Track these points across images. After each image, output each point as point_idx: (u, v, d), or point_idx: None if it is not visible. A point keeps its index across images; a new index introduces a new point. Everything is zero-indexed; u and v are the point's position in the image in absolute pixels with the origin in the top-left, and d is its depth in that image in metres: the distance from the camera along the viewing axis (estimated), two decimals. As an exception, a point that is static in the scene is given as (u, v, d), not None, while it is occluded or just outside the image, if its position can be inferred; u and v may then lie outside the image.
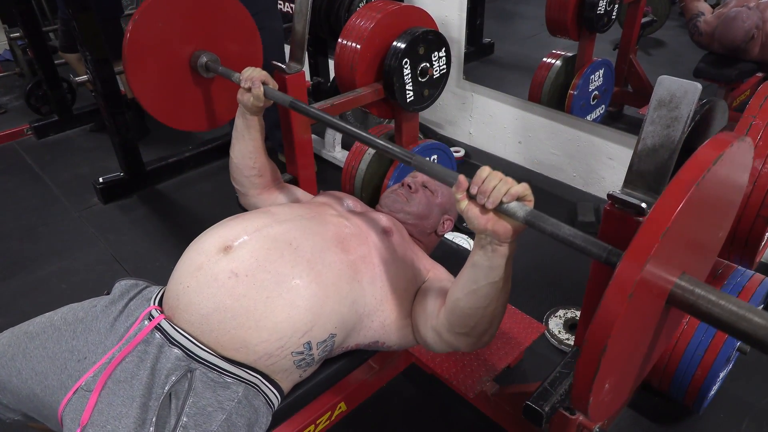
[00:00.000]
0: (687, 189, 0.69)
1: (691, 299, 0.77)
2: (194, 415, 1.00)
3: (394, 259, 1.28)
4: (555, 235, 0.89)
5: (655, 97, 0.90)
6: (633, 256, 0.68)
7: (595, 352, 0.69)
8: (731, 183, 0.88)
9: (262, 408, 1.10)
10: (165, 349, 1.07)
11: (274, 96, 1.45)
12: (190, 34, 1.82)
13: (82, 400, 1.02)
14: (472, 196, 0.95)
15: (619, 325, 0.68)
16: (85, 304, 1.19)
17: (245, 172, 1.53)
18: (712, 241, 0.97)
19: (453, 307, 1.11)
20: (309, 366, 1.17)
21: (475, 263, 1.02)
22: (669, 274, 0.77)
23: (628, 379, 0.90)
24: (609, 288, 0.68)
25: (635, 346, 0.84)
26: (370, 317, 1.23)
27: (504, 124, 3.06)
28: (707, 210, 0.81)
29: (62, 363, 1.09)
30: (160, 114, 1.88)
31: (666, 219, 0.68)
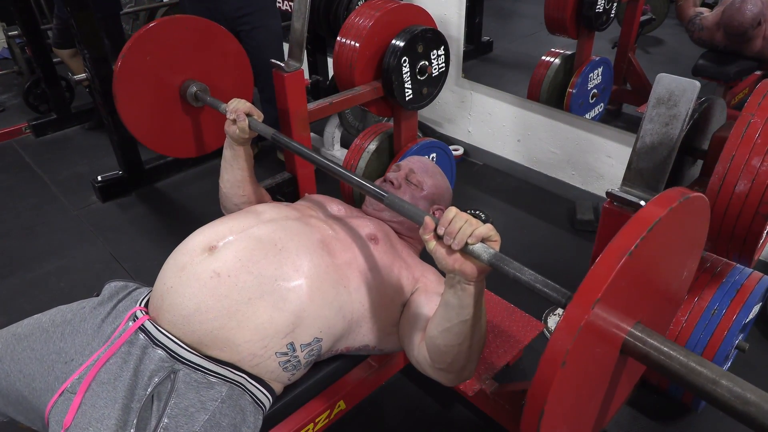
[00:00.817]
0: (619, 259, 0.70)
1: (644, 350, 0.78)
2: (176, 416, 1.00)
3: (381, 268, 1.27)
4: (517, 278, 0.89)
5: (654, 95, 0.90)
6: (564, 327, 0.70)
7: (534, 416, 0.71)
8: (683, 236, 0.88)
9: (248, 407, 1.09)
10: (149, 351, 1.06)
11: (258, 128, 1.46)
12: (180, 65, 1.85)
13: (67, 403, 1.02)
14: (439, 237, 0.96)
15: (554, 391, 0.69)
16: (73, 306, 1.19)
17: (234, 200, 1.53)
18: (672, 288, 0.98)
19: (430, 344, 1.11)
20: (296, 369, 1.16)
21: (447, 302, 1.02)
22: (622, 323, 0.78)
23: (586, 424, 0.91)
24: (554, 333, 0.70)
25: (589, 394, 0.85)
26: (359, 323, 1.23)
27: (503, 122, 3.06)
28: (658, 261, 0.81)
29: (49, 365, 1.08)
30: (149, 141, 1.91)
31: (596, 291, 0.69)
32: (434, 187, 1.51)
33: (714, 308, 1.47)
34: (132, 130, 1.84)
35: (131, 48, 1.74)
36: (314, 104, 1.87)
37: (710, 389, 0.72)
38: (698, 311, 1.49)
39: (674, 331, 1.51)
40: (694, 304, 1.50)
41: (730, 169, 1.19)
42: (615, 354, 0.82)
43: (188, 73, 1.86)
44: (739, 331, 1.48)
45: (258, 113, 1.48)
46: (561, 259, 2.34)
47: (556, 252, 2.40)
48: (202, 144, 2.02)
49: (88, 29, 2.50)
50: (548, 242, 2.47)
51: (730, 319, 1.45)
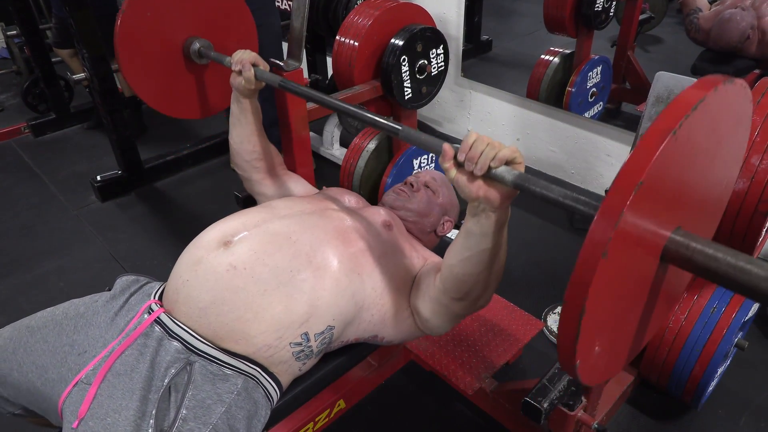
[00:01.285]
0: (662, 138, 0.63)
1: (687, 254, 0.73)
2: (194, 408, 1.01)
3: (394, 251, 1.29)
4: (545, 196, 0.85)
5: (653, 94, 0.90)
6: (605, 212, 0.64)
7: (574, 315, 0.65)
8: (726, 126, 0.81)
9: (261, 401, 1.11)
10: (164, 342, 1.07)
11: (264, 77, 1.44)
12: (182, 21, 1.81)
13: (82, 393, 1.03)
14: (460, 164, 0.93)
15: (596, 286, 0.64)
16: (86, 299, 1.20)
17: (245, 156, 1.53)
18: (714, 191, 0.91)
19: (448, 274, 1.11)
20: (308, 358, 1.17)
21: (468, 230, 1.01)
22: (660, 228, 0.73)
23: (624, 341, 0.86)
24: (583, 246, 0.64)
25: (628, 306, 0.79)
26: (369, 310, 1.23)
27: (502, 121, 3.06)
28: (697, 158, 0.75)
29: (62, 356, 1.09)
30: (154, 101, 1.87)
31: (640, 171, 0.63)
32: (448, 198, 1.54)
33: (713, 306, 1.48)
34: (136, 90, 1.81)
35: (131, 4, 1.71)
36: (313, 103, 1.87)
37: (765, 287, 0.67)
38: (698, 309, 1.49)
39: (673, 329, 1.51)
40: (693, 302, 1.50)
41: (729, 167, 1.19)
42: (655, 263, 0.76)
43: (190, 29, 1.83)
44: (738, 329, 1.48)
45: (264, 63, 1.46)
46: (560, 257, 2.34)
47: (555, 251, 2.40)
48: (207, 104, 1.98)
49: (86, 28, 2.50)
50: (547, 241, 2.47)
51: (730, 317, 1.45)
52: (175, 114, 1.97)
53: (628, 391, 1.65)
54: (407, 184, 1.53)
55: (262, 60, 1.47)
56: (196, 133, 3.45)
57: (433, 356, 1.68)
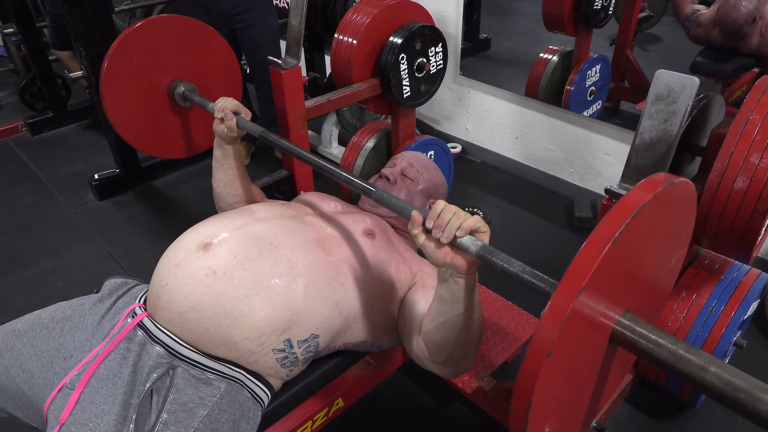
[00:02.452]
0: (603, 246, 0.68)
1: (632, 338, 0.77)
2: (175, 411, 1.00)
3: (378, 263, 1.27)
4: (505, 270, 0.89)
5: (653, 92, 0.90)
6: (549, 317, 0.68)
7: (521, 408, 0.70)
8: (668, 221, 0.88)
9: (247, 403, 1.09)
10: (147, 347, 1.06)
11: (246, 126, 1.45)
12: (168, 65, 1.83)
13: (65, 398, 1.02)
14: (428, 231, 0.95)
15: (541, 382, 0.69)
16: (73, 302, 1.19)
17: (228, 199, 1.54)
18: (660, 278, 0.97)
19: (426, 339, 1.11)
20: (294, 365, 1.16)
21: (440, 296, 1.02)
22: (610, 312, 0.77)
23: (575, 416, 0.90)
24: (540, 322, 0.69)
25: (577, 386, 0.84)
26: (356, 319, 1.22)
27: (501, 119, 3.06)
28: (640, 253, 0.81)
29: (49, 361, 1.08)
30: (137, 142, 1.89)
31: (581, 278, 0.68)
32: (430, 182, 1.52)
33: (712, 305, 1.47)
34: (120, 132, 1.83)
35: (117, 49, 1.73)
36: (312, 102, 1.86)
37: (699, 376, 0.72)
38: (696, 308, 1.49)
39: (672, 328, 1.51)
40: (692, 301, 1.50)
41: (728, 165, 1.19)
42: (604, 343, 0.81)
43: (176, 73, 1.85)
44: (737, 328, 1.48)
45: (246, 111, 1.47)
46: (558, 256, 2.34)
47: (554, 249, 2.40)
48: (191, 144, 2.01)
49: (83, 26, 2.49)
50: (546, 240, 2.47)
51: (728, 316, 1.45)
52: (159, 154, 2.01)
53: (626, 389, 1.65)
54: (383, 178, 1.51)
55: (244, 108, 1.47)
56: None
57: (431, 355, 1.68)
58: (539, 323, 0.70)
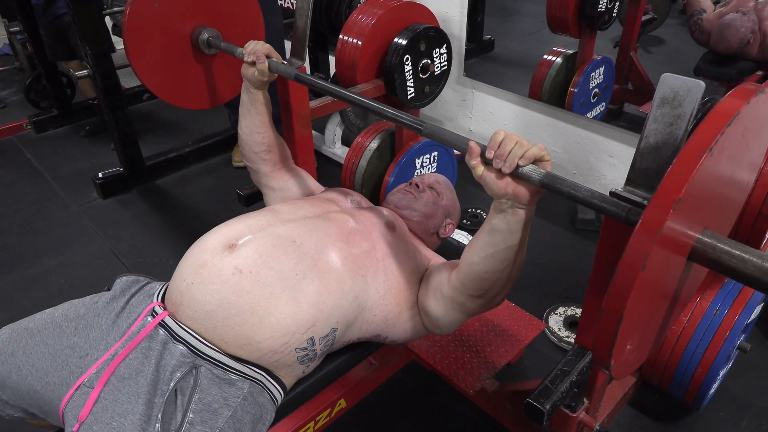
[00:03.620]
0: (699, 155, 0.67)
1: (714, 255, 0.76)
2: (200, 411, 1.00)
3: (398, 252, 1.29)
4: (572, 195, 0.88)
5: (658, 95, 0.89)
6: (644, 228, 0.67)
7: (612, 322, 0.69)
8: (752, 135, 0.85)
9: (266, 405, 1.11)
10: (169, 346, 1.06)
11: (278, 69, 1.44)
12: (190, 11, 1.80)
13: (84, 397, 1.02)
14: (487, 162, 0.95)
15: (633, 296, 0.67)
16: (86, 300, 1.19)
17: (254, 147, 1.52)
18: (735, 194, 0.95)
19: (468, 271, 1.11)
20: (312, 361, 1.17)
21: (494, 227, 1.01)
22: (688, 230, 0.76)
23: (649, 337, 0.90)
24: (633, 236, 0.68)
25: (655, 306, 0.83)
26: (372, 311, 1.23)
27: (504, 121, 3.06)
28: (726, 168, 0.79)
29: (63, 360, 1.08)
30: (161, 92, 1.86)
31: (678, 189, 0.67)
32: (451, 201, 1.55)
33: (716, 308, 1.47)
34: (145, 81, 1.81)
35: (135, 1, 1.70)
36: (316, 102, 1.87)
37: None
38: (700, 311, 1.49)
39: (676, 331, 1.51)
40: (696, 305, 1.50)
41: (733, 169, 1.19)
42: (682, 261, 0.80)
43: (198, 19, 1.82)
44: (741, 331, 1.48)
45: (277, 55, 1.46)
46: (562, 258, 2.34)
47: (557, 251, 2.40)
48: (215, 94, 1.98)
49: (89, 25, 2.49)
50: (549, 241, 2.47)
51: (732, 319, 1.45)
52: (183, 105, 1.97)
53: (630, 392, 1.65)
54: (413, 185, 1.53)
55: (275, 52, 1.46)
56: (198, 130, 3.45)
57: (434, 356, 1.68)
58: (633, 236, 0.68)
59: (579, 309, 2.03)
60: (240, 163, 3.07)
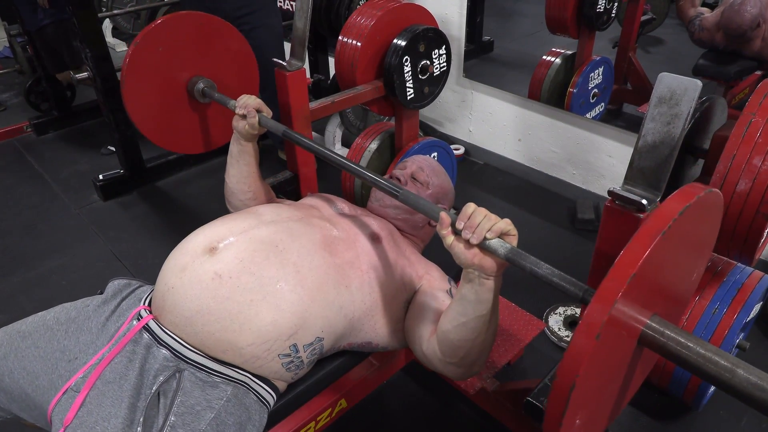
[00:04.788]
0: (654, 237, 0.72)
1: (661, 341, 0.80)
2: (182, 414, 1.00)
3: (384, 266, 1.27)
4: (534, 272, 0.92)
5: (656, 94, 0.90)
6: (602, 298, 0.71)
7: (565, 388, 0.71)
8: (700, 231, 0.92)
9: (254, 406, 1.10)
10: (153, 350, 1.06)
11: (268, 124, 1.46)
12: (188, 60, 1.84)
13: (70, 401, 1.02)
14: (457, 232, 0.97)
15: (587, 363, 0.70)
16: (77, 304, 1.19)
17: (240, 196, 1.53)
18: (684, 284, 1.00)
19: (443, 339, 1.12)
20: (299, 369, 1.16)
21: (463, 297, 1.03)
22: (640, 315, 0.80)
23: (601, 415, 0.92)
24: (578, 327, 0.72)
25: (607, 383, 0.86)
26: (361, 321, 1.23)
27: (504, 121, 3.07)
28: (676, 256, 0.84)
29: (53, 363, 1.08)
30: (155, 136, 1.90)
31: (633, 264, 0.71)
32: (439, 186, 1.52)
33: (715, 307, 1.48)
34: (139, 127, 1.84)
35: (145, 37, 1.73)
36: (316, 103, 1.87)
37: (727, 378, 0.74)
38: (699, 310, 1.49)
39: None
40: (695, 303, 1.50)
41: (731, 168, 1.19)
42: (632, 345, 0.83)
43: (196, 69, 1.86)
44: (739, 330, 1.48)
45: (267, 110, 1.48)
46: (561, 258, 2.34)
47: (557, 251, 2.40)
48: (208, 140, 2.01)
49: (89, 28, 2.50)
50: (549, 241, 2.47)
51: (731, 318, 1.45)
52: (175, 149, 2.03)
53: (629, 391, 1.65)
54: (393, 179, 1.51)
55: (266, 106, 1.48)
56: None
57: (434, 356, 1.68)
58: (588, 308, 0.72)
59: (578, 309, 2.04)
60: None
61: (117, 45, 4.94)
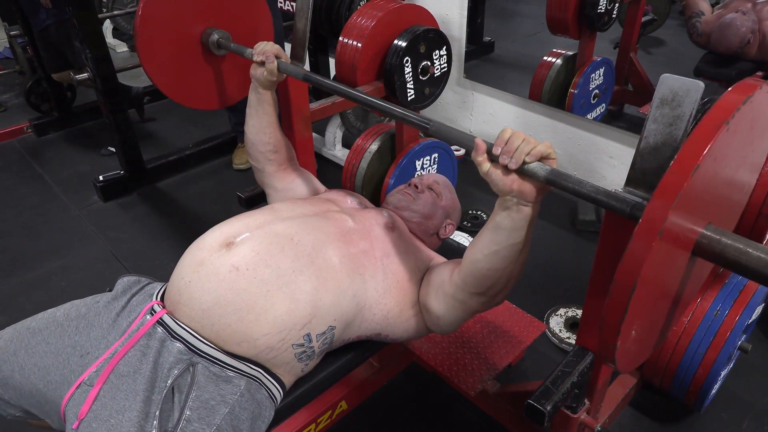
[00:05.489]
0: (717, 128, 0.66)
1: (718, 248, 0.76)
2: (197, 409, 1.01)
3: (397, 252, 1.29)
4: (577, 191, 0.89)
5: (658, 96, 0.90)
6: (664, 193, 0.66)
7: (625, 291, 0.67)
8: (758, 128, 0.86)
9: (264, 402, 1.11)
10: (167, 344, 1.07)
11: (287, 69, 1.45)
12: (201, 12, 1.82)
13: (84, 395, 1.02)
14: (493, 158, 0.95)
15: (648, 264, 0.66)
16: (87, 300, 1.20)
17: (260, 147, 1.54)
18: (738, 192, 0.95)
19: (471, 269, 1.11)
20: (310, 359, 1.17)
21: (498, 225, 1.02)
22: (695, 223, 0.76)
23: (653, 330, 0.88)
24: (638, 226, 0.67)
25: (661, 295, 0.82)
26: (372, 309, 1.24)
27: (504, 122, 3.06)
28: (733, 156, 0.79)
29: (65, 358, 1.09)
30: (171, 91, 1.88)
31: (696, 155, 0.66)
32: (451, 201, 1.56)
33: (717, 309, 1.47)
34: (155, 81, 1.82)
35: None
36: (316, 104, 1.87)
37: None
38: (701, 312, 1.48)
39: (677, 332, 1.50)
40: (697, 305, 1.50)
41: (733, 169, 1.19)
42: (686, 257, 0.80)
43: (209, 20, 1.84)
44: (741, 332, 1.48)
45: (286, 56, 1.48)
46: (562, 259, 2.34)
47: (558, 252, 2.40)
48: (224, 95, 2.00)
49: (90, 28, 2.50)
50: (549, 242, 2.47)
51: (733, 320, 1.45)
52: (192, 104, 1.99)
53: (631, 393, 1.65)
54: (411, 186, 1.54)
55: (284, 53, 1.48)
56: (199, 133, 3.45)
57: (435, 358, 1.68)
58: (650, 204, 0.67)
59: (580, 310, 2.03)
60: (241, 165, 3.07)
61: (117, 46, 4.94)
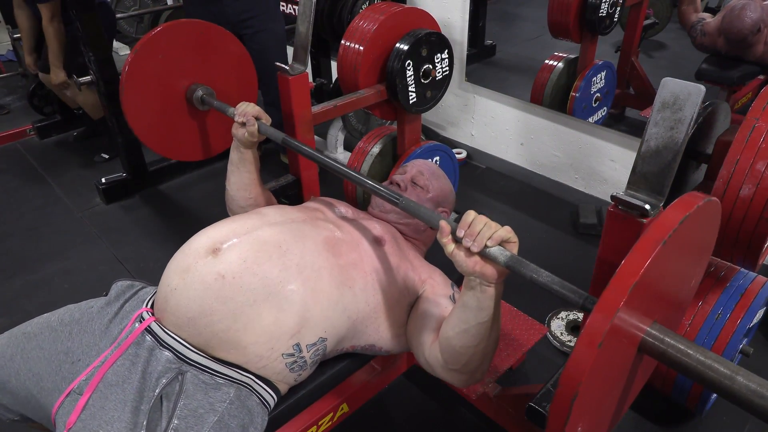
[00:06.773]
0: (655, 246, 0.73)
1: (661, 348, 0.80)
2: (185, 417, 1.00)
3: (387, 269, 1.27)
4: (534, 280, 0.92)
5: (659, 99, 0.90)
6: (603, 308, 0.71)
7: (567, 397, 0.72)
8: (699, 239, 0.92)
9: (256, 408, 1.09)
10: (155, 352, 1.06)
11: (267, 132, 1.47)
12: (187, 68, 1.85)
13: (73, 404, 1.01)
14: (458, 240, 0.97)
15: (589, 372, 0.70)
16: (82, 305, 1.19)
17: (241, 203, 1.54)
18: (684, 290, 1.01)
19: (445, 346, 1.12)
20: (302, 369, 1.16)
21: (465, 304, 1.03)
22: (640, 323, 0.80)
23: (603, 421, 0.93)
24: (580, 336, 0.72)
25: (608, 390, 0.86)
26: (364, 323, 1.22)
27: (506, 125, 3.07)
28: (676, 264, 0.85)
29: (57, 365, 1.08)
30: (154, 144, 1.91)
31: (635, 273, 0.72)
32: (439, 190, 1.52)
33: (718, 312, 1.47)
34: (139, 135, 1.84)
35: (145, 45, 1.74)
36: (318, 107, 1.88)
37: (727, 385, 0.74)
38: (702, 315, 1.48)
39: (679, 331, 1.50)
40: (698, 308, 1.50)
41: (734, 173, 1.19)
42: (633, 352, 0.84)
43: (194, 77, 1.87)
44: (743, 335, 1.47)
45: (266, 117, 1.49)
46: (564, 262, 2.34)
47: (559, 256, 2.40)
48: (208, 147, 2.03)
49: (93, 31, 2.51)
50: (551, 246, 2.47)
51: (735, 323, 1.45)
52: (174, 156, 2.03)
53: (631, 397, 1.65)
54: (393, 184, 1.52)
55: (264, 114, 1.49)
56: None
57: (436, 361, 1.68)
58: (590, 317, 0.72)
59: (581, 314, 2.03)
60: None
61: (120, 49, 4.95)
